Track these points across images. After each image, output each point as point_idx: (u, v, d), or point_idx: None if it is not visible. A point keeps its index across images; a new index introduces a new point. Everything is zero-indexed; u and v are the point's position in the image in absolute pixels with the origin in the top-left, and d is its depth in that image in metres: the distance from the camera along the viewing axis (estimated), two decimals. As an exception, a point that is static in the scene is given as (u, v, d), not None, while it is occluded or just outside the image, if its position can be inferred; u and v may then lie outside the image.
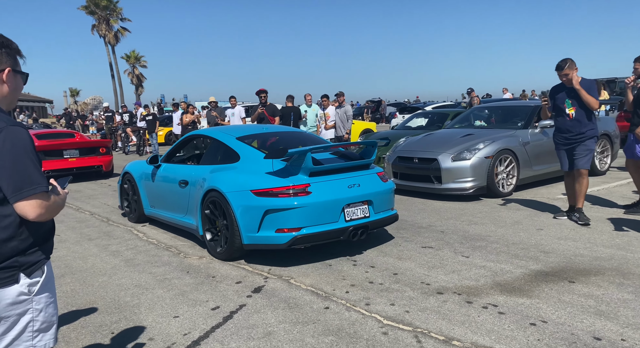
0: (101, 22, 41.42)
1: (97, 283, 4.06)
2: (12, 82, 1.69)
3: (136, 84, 46.24)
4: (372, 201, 4.50)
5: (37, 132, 11.86)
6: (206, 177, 4.74)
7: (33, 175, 1.57)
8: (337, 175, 4.40)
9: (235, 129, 5.54)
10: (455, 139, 7.10)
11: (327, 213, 4.22)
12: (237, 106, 12.04)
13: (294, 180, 4.20)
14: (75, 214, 6.97)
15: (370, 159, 4.73)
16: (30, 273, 1.64)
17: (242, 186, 4.31)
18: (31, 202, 1.55)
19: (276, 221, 4.15)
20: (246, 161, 4.64)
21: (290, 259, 4.46)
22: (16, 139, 1.56)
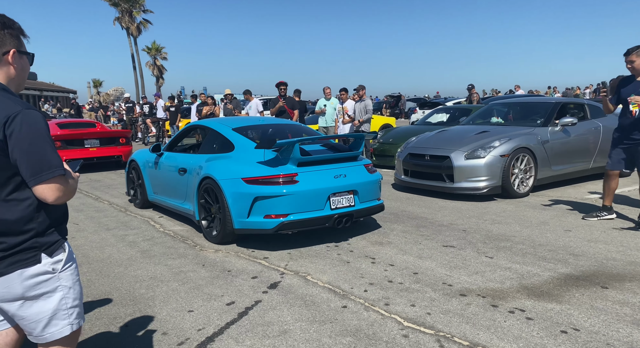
0: (124, 14, 41.82)
1: (113, 273, 4.04)
2: (18, 63, 1.69)
3: (157, 75, 46.66)
4: (357, 191, 4.74)
5: (59, 121, 12.01)
6: (202, 165, 5.01)
7: (51, 158, 1.58)
8: (324, 166, 4.65)
9: (232, 120, 5.78)
10: (469, 136, 6.85)
11: (313, 201, 4.47)
12: (254, 99, 11.97)
13: (282, 169, 4.46)
14: (94, 204, 7.01)
15: (357, 151, 4.96)
16: (52, 252, 1.67)
17: (234, 174, 4.57)
18: (50, 185, 1.58)
19: (265, 207, 4.41)
20: (240, 151, 4.89)
21: (308, 255, 4.36)
22: (33, 122, 1.57)
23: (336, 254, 4.37)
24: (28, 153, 1.55)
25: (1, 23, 1.63)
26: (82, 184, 8.82)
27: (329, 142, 5.32)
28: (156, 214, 6.22)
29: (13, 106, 1.56)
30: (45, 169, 1.56)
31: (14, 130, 1.53)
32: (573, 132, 7.01)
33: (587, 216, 5.25)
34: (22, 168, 1.56)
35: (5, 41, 1.64)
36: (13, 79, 1.68)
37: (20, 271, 1.61)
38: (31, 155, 1.55)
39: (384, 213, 5.90)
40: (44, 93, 42.39)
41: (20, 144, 1.54)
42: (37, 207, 1.63)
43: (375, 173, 5.05)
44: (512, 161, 6.31)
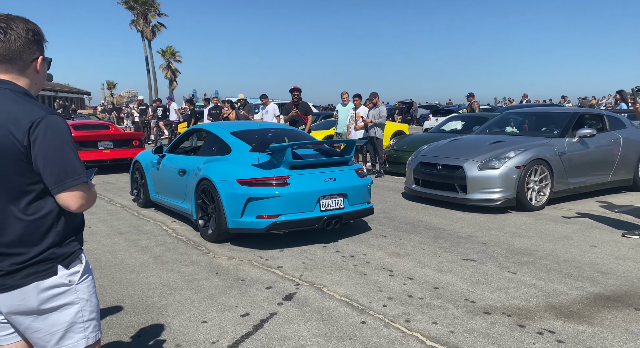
0: (139, 17, 42.29)
1: (126, 280, 3.96)
2: (43, 69, 1.67)
3: (170, 78, 47.05)
4: (347, 194, 4.94)
5: (74, 123, 12.07)
6: (201, 167, 5.22)
7: (75, 165, 1.54)
8: (315, 169, 4.87)
9: (231, 125, 6.05)
10: (483, 146, 6.68)
11: (304, 203, 4.67)
12: (271, 104, 11.90)
13: (274, 172, 4.68)
14: (107, 207, 6.97)
15: (348, 156, 5.21)
16: (69, 263, 1.62)
17: (229, 176, 4.78)
18: (74, 193, 1.53)
19: (257, 208, 4.61)
20: (236, 154, 5.10)
21: (323, 266, 4.25)
22: (57, 127, 1.52)
23: (352, 265, 4.25)
24: (53, 160, 1.49)
25: (31, 30, 1.60)
26: (95, 186, 8.79)
27: (322, 147, 5.56)
28: (169, 218, 6.16)
29: (37, 110, 1.51)
30: (69, 176, 1.52)
31: (38, 135, 1.48)
32: (591, 144, 6.83)
33: (627, 233, 4.97)
34: (46, 175, 1.50)
35: (34, 48, 1.61)
36: (37, 85, 1.66)
37: (36, 284, 1.55)
38: (56, 161, 1.50)
39: (400, 222, 5.77)
40: (58, 94, 42.92)
41: (44, 150, 1.49)
42: (57, 216, 1.57)
43: (366, 177, 5.24)
44: (527, 172, 6.13)
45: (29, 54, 1.59)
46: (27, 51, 1.58)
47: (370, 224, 5.73)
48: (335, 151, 5.58)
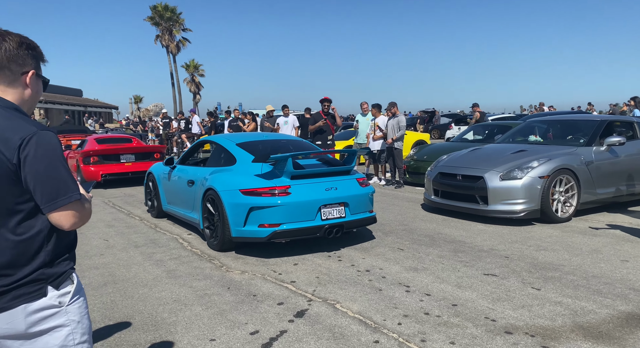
0: (164, 33, 43.41)
1: (137, 295, 3.93)
2: (34, 85, 1.61)
3: (194, 92, 47.99)
4: (348, 203, 4.99)
5: (98, 136, 12.35)
6: (207, 177, 5.35)
7: (67, 182, 1.48)
8: (316, 179, 4.94)
9: (237, 136, 6.16)
10: (505, 156, 6.44)
11: (305, 212, 4.74)
12: (291, 115, 11.93)
13: (276, 182, 4.76)
14: (126, 219, 7.03)
15: (350, 165, 5.26)
16: (59, 284, 1.55)
17: (233, 186, 4.89)
18: (66, 212, 1.48)
19: (259, 217, 4.71)
20: (240, 164, 5.23)
21: (337, 280, 4.13)
22: (48, 144, 1.47)
23: (367, 280, 4.12)
24: (44, 178, 1.44)
25: (25, 43, 1.57)
26: (116, 198, 8.93)
27: (325, 157, 5.64)
28: (184, 231, 6.15)
29: (27, 127, 1.46)
30: (62, 194, 1.46)
31: (28, 153, 1.43)
32: (621, 152, 6.51)
33: None
34: (37, 194, 1.45)
35: (27, 61, 1.57)
36: (26, 101, 1.59)
37: (24, 306, 1.49)
38: (47, 179, 1.44)
39: (419, 235, 5.60)
40: (88, 109, 44.29)
41: (35, 167, 1.43)
42: (47, 235, 1.51)
43: (368, 186, 5.29)
44: (552, 182, 5.87)
45: (18, 66, 1.55)
46: (17, 62, 1.54)
47: (388, 237, 5.58)
48: (337, 160, 5.68)
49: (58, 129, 19.51)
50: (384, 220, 6.51)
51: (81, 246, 5.49)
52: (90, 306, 3.68)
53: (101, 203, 8.51)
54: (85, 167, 10.13)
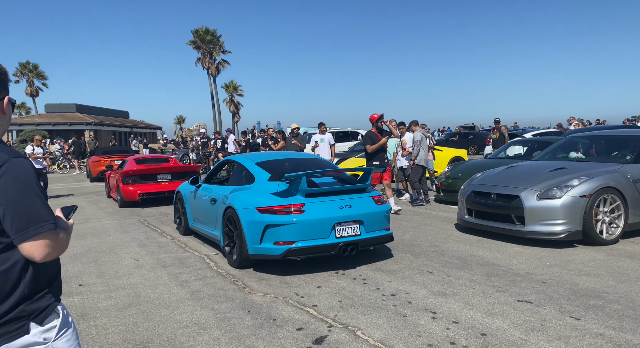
0: (205, 55, 45.10)
1: (159, 317, 3.93)
2: (9, 110, 1.58)
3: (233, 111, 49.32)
4: (362, 221, 4.98)
5: (137, 157, 12.82)
6: (227, 195, 5.46)
7: (39, 211, 1.41)
8: (331, 197, 4.98)
9: (258, 156, 6.31)
10: (542, 174, 6.07)
11: (318, 230, 4.77)
12: (327, 133, 11.94)
13: (291, 200, 4.82)
14: (158, 238, 7.16)
15: (365, 183, 5.25)
16: (42, 319, 1.47)
17: (250, 204, 4.98)
18: (38, 242, 1.40)
19: (274, 235, 4.77)
20: (258, 183, 5.32)
21: (360, 305, 3.98)
22: (20, 172, 1.42)
23: (392, 305, 3.94)
24: (14, 206, 1.38)
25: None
26: (151, 217, 9.16)
27: (341, 175, 5.67)
28: (212, 251, 6.18)
29: (0, 154, 1.43)
30: (33, 223, 1.39)
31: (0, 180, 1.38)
32: None
33: None
34: (7, 223, 1.39)
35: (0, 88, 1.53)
36: (2, 127, 1.56)
37: (4, 347, 1.43)
38: (18, 209, 1.38)
39: (450, 257, 5.36)
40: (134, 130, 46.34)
41: (5, 196, 1.38)
42: (24, 267, 1.44)
43: (384, 204, 5.27)
44: (595, 202, 5.46)
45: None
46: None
47: (417, 258, 5.37)
48: (353, 178, 5.67)
49: (103, 150, 20.48)
50: (414, 240, 6.30)
51: (112, 266, 5.62)
52: (112, 328, 3.72)
53: (137, 222, 8.74)
54: (124, 186, 10.49)
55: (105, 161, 17.56)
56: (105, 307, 4.23)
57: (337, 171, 5.65)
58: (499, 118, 13.54)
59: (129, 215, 9.57)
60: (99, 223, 8.70)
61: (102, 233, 7.75)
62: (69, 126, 37.36)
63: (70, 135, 34.98)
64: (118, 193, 10.76)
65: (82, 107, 41.36)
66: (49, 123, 36.50)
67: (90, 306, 4.26)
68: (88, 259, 6.01)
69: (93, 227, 8.30)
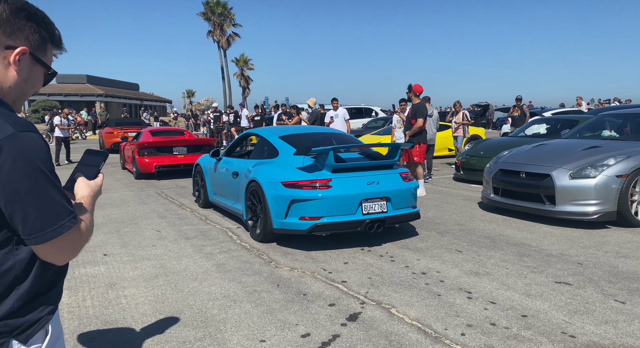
0: (216, 28, 44.37)
1: (188, 288, 3.88)
2: (25, 69, 1.18)
3: (243, 86, 48.84)
4: (390, 198, 4.89)
5: (152, 129, 12.71)
6: (250, 169, 5.39)
7: (56, 206, 1.10)
8: (358, 172, 4.87)
9: (281, 129, 6.12)
10: (575, 152, 5.87)
11: (345, 206, 4.69)
12: (341, 108, 11.73)
13: (317, 175, 4.73)
14: (178, 211, 7.12)
15: (393, 159, 5.15)
16: (27, 338, 1.15)
17: (275, 178, 4.90)
18: (58, 244, 1.10)
19: (300, 209, 4.69)
20: (283, 157, 5.23)
21: (390, 282, 3.89)
22: (30, 152, 1.07)
23: (424, 283, 3.85)
24: (25, 200, 1.06)
25: (27, 11, 1.16)
26: (169, 190, 9.11)
27: (367, 150, 5.53)
28: (234, 224, 6.12)
29: (2, 126, 1.06)
30: (50, 223, 1.08)
31: (3, 165, 1.04)
32: None
33: None
34: (17, 221, 1.07)
35: (19, 34, 1.15)
36: (9, 89, 1.17)
37: None
38: (30, 203, 1.06)
39: (477, 236, 5.24)
40: (144, 102, 46.21)
41: (13, 185, 1.04)
42: (20, 275, 1.12)
43: (411, 181, 5.16)
44: (631, 182, 5.29)
45: (4, 35, 1.13)
46: (4, 30, 1.13)
47: (444, 237, 5.26)
48: (380, 154, 5.55)
49: (116, 121, 20.41)
50: (438, 218, 6.18)
51: (134, 237, 5.58)
52: (142, 298, 3.67)
53: (154, 193, 8.70)
54: (140, 158, 10.43)
55: (119, 132, 17.52)
56: (132, 276, 4.19)
57: (364, 146, 5.49)
58: (520, 96, 13.10)
59: (145, 187, 9.54)
60: (116, 194, 8.68)
61: (120, 203, 7.73)
62: (80, 97, 37.31)
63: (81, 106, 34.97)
64: (134, 164, 10.71)
65: (92, 78, 41.22)
66: (60, 94, 36.46)
67: (117, 275, 4.23)
68: (110, 229, 5.98)
69: (111, 198, 8.28)
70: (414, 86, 8.02)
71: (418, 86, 8.03)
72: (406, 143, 5.75)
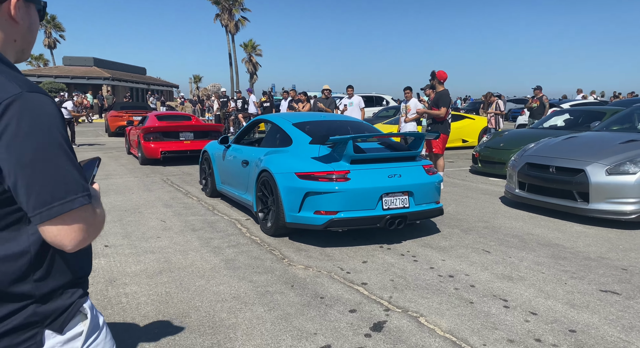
0: (224, 12, 43.71)
1: (194, 287, 3.56)
2: (25, 16, 1.06)
3: (251, 72, 48.27)
4: (412, 192, 4.53)
5: (158, 113, 12.36)
6: (262, 158, 5.06)
7: (68, 176, 0.95)
8: (378, 164, 4.50)
9: (294, 116, 5.82)
10: (612, 146, 5.45)
11: (364, 200, 4.33)
12: (356, 96, 11.34)
13: (334, 166, 4.39)
14: (184, 199, 6.79)
15: (416, 151, 4.78)
16: (63, 325, 1.05)
17: (288, 168, 4.55)
18: (68, 223, 0.95)
19: (315, 203, 4.35)
20: (297, 146, 4.86)
21: (415, 286, 3.55)
22: (40, 115, 0.94)
23: (453, 288, 3.50)
24: (31, 167, 0.92)
25: None
26: (175, 177, 8.79)
27: (388, 140, 5.18)
28: (243, 215, 5.78)
29: (8, 85, 0.94)
30: (60, 196, 0.94)
31: (8, 127, 0.91)
32: None
33: None
34: (20, 193, 0.93)
35: None
36: (13, 43, 1.06)
37: None
38: (37, 171, 0.92)
39: (504, 235, 4.87)
40: (150, 87, 45.79)
41: (19, 151, 0.92)
42: (36, 257, 1.00)
43: (435, 174, 4.80)
44: None
45: None
46: None
47: (468, 235, 4.90)
48: (402, 145, 5.19)
49: (122, 105, 20.07)
50: (459, 214, 5.81)
51: (138, 227, 5.26)
52: (144, 297, 3.35)
53: (160, 180, 8.38)
54: (146, 143, 10.10)
55: (124, 116, 17.21)
56: (134, 272, 3.88)
57: (385, 135, 5.09)
58: (540, 86, 12.58)
59: (150, 173, 9.22)
60: (120, 180, 8.36)
61: (124, 190, 7.41)
62: (86, 80, 36.95)
63: (87, 89, 34.67)
64: (139, 149, 10.39)
65: (99, 61, 40.80)
66: (67, 76, 36.12)
67: (119, 270, 3.91)
68: (112, 218, 5.66)
69: (115, 184, 7.97)
70: (438, 73, 7.55)
71: (442, 72, 7.56)
72: (431, 133, 5.33)
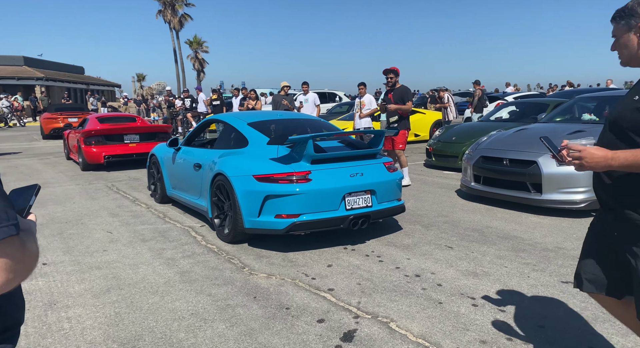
0: (167, 7, 42.06)
1: (147, 305, 3.27)
2: None
3: (198, 69, 46.85)
4: (375, 191, 4.45)
5: (100, 115, 11.62)
6: (216, 161, 4.82)
7: None
8: (339, 163, 4.39)
9: (249, 115, 5.57)
10: (561, 137, 5.59)
11: (327, 201, 4.22)
12: (311, 93, 11.19)
13: (294, 167, 4.23)
14: (131, 207, 6.36)
15: (377, 148, 4.68)
16: None
17: (246, 171, 4.37)
18: None
19: (276, 206, 4.18)
20: (253, 147, 4.68)
21: (383, 289, 3.45)
22: None
23: (421, 289, 3.44)
24: None
25: None
26: (120, 183, 8.25)
27: (348, 139, 5.07)
28: (197, 222, 5.48)
29: None
30: None
31: None
32: None
33: None
34: None
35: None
36: None
37: None
38: None
39: (465, 229, 4.90)
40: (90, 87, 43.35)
41: None
42: None
43: (396, 171, 4.75)
44: None
45: None
46: None
47: (430, 231, 4.89)
48: (362, 143, 5.12)
49: (56, 107, 18.78)
50: (418, 209, 5.81)
51: (81, 240, 4.83)
52: (90, 321, 3.03)
53: (104, 187, 7.83)
54: (87, 148, 9.43)
55: (58, 118, 16.16)
56: (77, 292, 3.52)
57: (346, 133, 4.96)
58: (478, 80, 13.15)
59: (94, 180, 8.62)
60: (60, 189, 7.74)
61: (64, 200, 6.85)
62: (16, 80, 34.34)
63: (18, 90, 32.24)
64: (80, 154, 9.69)
65: (30, 60, 38.05)
66: (-6, 77, 33.40)
67: (59, 291, 3.54)
68: (51, 231, 5.18)
69: (54, 193, 7.35)
70: (397, 69, 7.50)
71: (396, 68, 7.53)
72: (390, 130, 5.27)
